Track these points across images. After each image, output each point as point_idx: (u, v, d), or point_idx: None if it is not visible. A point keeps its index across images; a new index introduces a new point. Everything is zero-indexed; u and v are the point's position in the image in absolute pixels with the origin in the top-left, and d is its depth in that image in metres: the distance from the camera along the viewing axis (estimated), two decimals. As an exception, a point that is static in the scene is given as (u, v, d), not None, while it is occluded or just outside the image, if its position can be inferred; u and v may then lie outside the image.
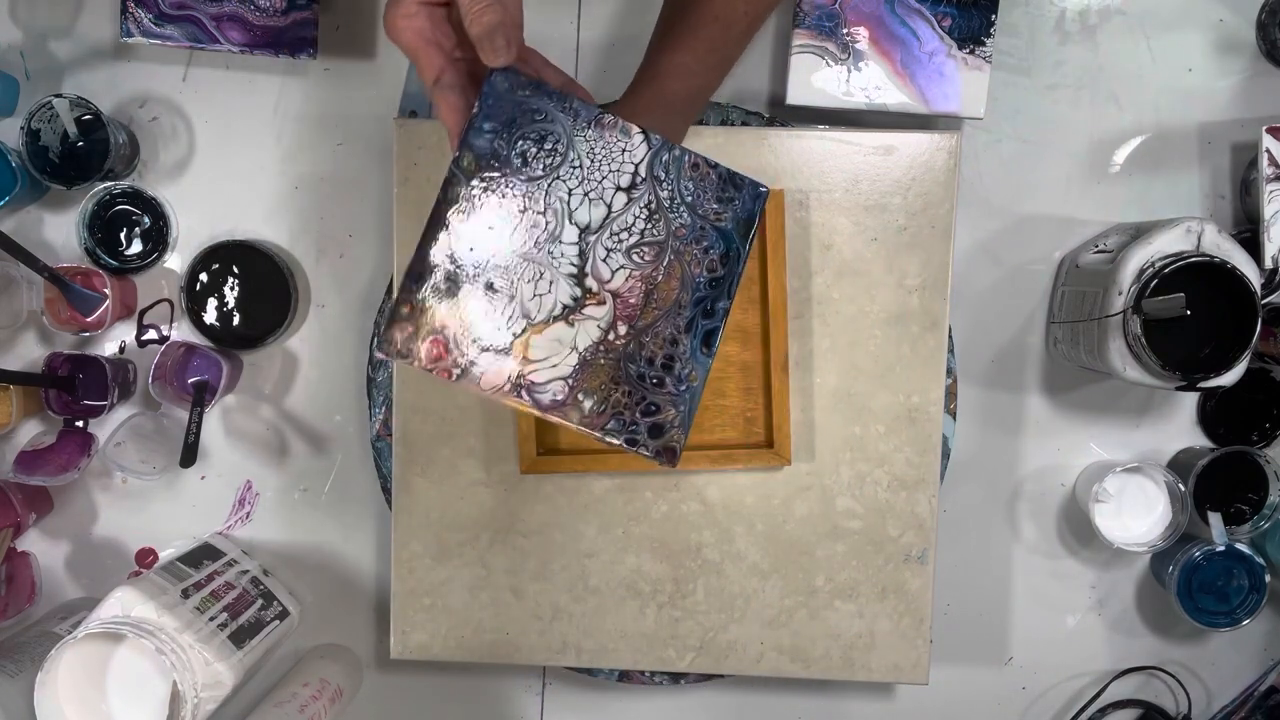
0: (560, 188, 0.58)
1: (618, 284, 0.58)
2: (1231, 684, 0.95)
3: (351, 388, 0.93)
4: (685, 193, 0.59)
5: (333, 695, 0.88)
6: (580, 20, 0.91)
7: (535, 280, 0.57)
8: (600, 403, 0.58)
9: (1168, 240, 0.79)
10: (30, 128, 0.86)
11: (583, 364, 0.58)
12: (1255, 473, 0.88)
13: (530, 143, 0.58)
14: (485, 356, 0.57)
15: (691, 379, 0.59)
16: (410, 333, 0.57)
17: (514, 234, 0.57)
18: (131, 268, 0.90)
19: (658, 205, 0.59)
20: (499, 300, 0.57)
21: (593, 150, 0.58)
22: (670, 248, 0.59)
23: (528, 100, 0.57)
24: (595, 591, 0.86)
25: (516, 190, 0.57)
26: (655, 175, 0.59)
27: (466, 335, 0.57)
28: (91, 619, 0.76)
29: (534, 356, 0.57)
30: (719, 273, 0.59)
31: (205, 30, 0.87)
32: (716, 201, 0.59)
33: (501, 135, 0.57)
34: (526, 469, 0.84)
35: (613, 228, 0.58)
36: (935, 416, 0.84)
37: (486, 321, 0.57)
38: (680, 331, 0.59)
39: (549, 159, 0.58)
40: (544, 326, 0.57)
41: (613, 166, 0.58)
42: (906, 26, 0.83)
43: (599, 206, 0.58)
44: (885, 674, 0.86)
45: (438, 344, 0.57)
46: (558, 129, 0.58)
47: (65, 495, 0.94)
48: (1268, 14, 0.88)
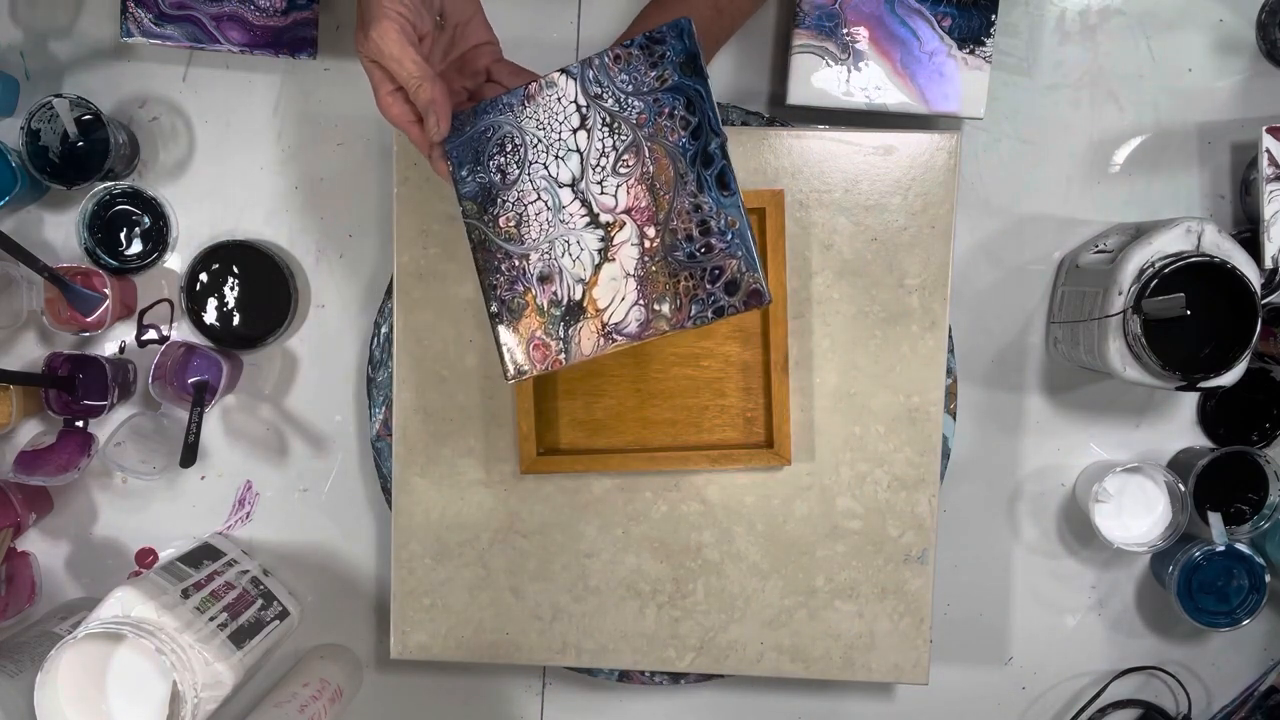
0: (537, 168, 0.64)
1: (624, 201, 0.63)
2: (1231, 684, 0.95)
3: (351, 388, 0.93)
4: (624, 86, 0.62)
5: (333, 695, 0.88)
6: (580, 20, 0.91)
7: (566, 249, 0.63)
8: (674, 299, 0.62)
9: (1168, 240, 0.79)
10: (30, 128, 0.86)
11: (641, 281, 0.62)
12: (1255, 473, 0.88)
13: (497, 156, 0.64)
14: (571, 330, 0.64)
15: (731, 224, 0.61)
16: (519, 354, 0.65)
17: (531, 230, 0.64)
18: (131, 268, 0.90)
19: (610, 116, 0.63)
20: (554, 283, 0.64)
21: (539, 120, 0.63)
22: (643, 139, 0.62)
23: (475, 129, 0.64)
24: (595, 591, 0.86)
25: (511, 197, 0.64)
26: (593, 95, 0.63)
27: (550, 325, 0.64)
28: (91, 619, 0.76)
29: (603, 304, 0.63)
30: (694, 122, 0.61)
31: (205, 30, 0.87)
32: (651, 69, 0.62)
33: (477, 169, 0.65)
34: (526, 469, 0.84)
35: (591, 163, 0.63)
36: (935, 416, 0.84)
37: (555, 305, 0.64)
38: (696, 195, 0.61)
39: (516, 155, 0.64)
40: (595, 277, 0.63)
41: (559, 119, 0.63)
42: (906, 26, 0.83)
43: (571, 157, 0.63)
44: (885, 674, 0.86)
45: (538, 347, 0.64)
46: (506, 129, 0.64)
47: (65, 495, 0.94)
48: (1268, 14, 0.88)
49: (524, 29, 0.91)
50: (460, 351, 0.86)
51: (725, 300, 0.61)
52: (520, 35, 0.91)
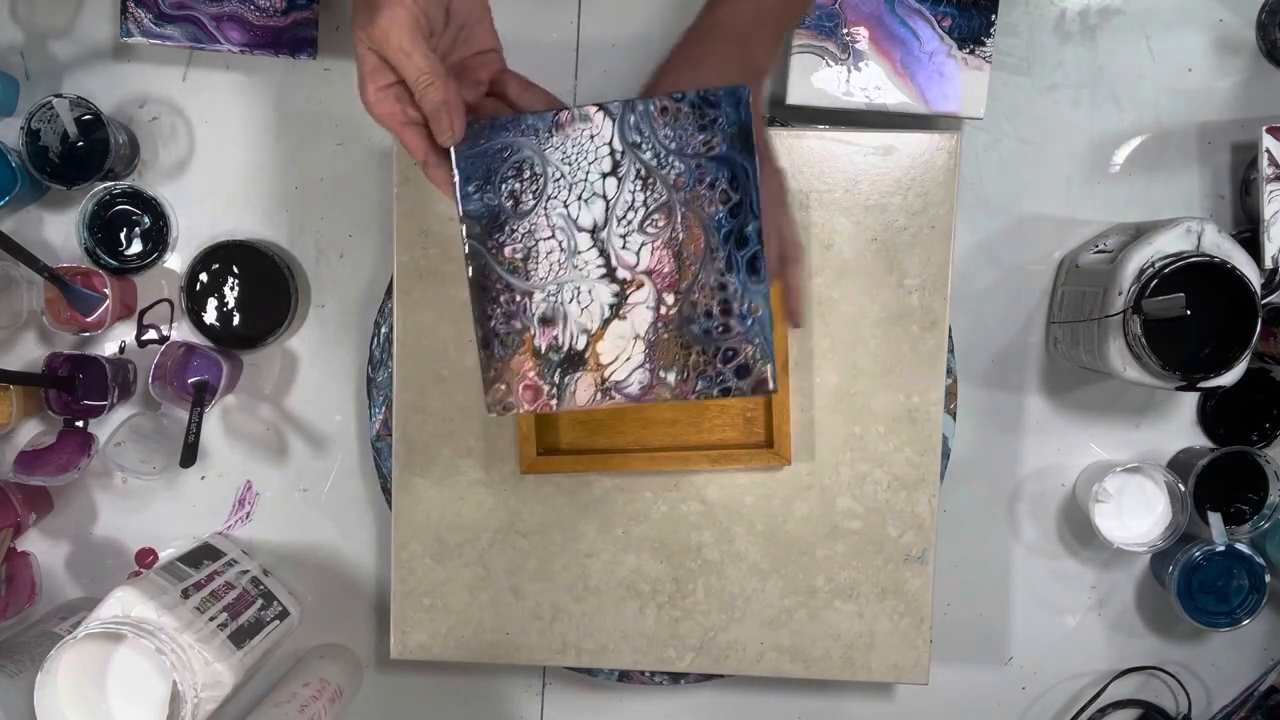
0: (555, 205, 0.60)
1: (646, 262, 0.60)
2: (1231, 684, 0.95)
3: (351, 388, 0.93)
4: (667, 141, 0.59)
5: (333, 695, 0.88)
6: (580, 20, 0.91)
7: (576, 296, 0.60)
8: (681, 371, 0.60)
9: (1168, 240, 0.79)
10: (30, 128, 0.86)
11: (650, 346, 0.60)
12: (1255, 473, 0.88)
13: (512, 180, 0.60)
14: (569, 378, 0.61)
15: (754, 310, 0.60)
16: (504, 389, 0.61)
17: (539, 268, 0.60)
18: (131, 268, 0.90)
19: (647, 170, 0.59)
20: (556, 328, 0.61)
21: (565, 154, 0.60)
22: (677, 202, 0.59)
23: (490, 144, 0.60)
24: (595, 591, 0.86)
25: (522, 228, 0.60)
26: (631, 142, 0.59)
27: (545, 369, 0.61)
28: (91, 619, 0.76)
29: (606, 360, 0.61)
30: (734, 200, 0.59)
31: (205, 30, 0.87)
32: (700, 132, 0.59)
33: (486, 189, 0.60)
34: (526, 469, 0.84)
35: (617, 214, 0.60)
36: (935, 416, 0.84)
37: (554, 351, 0.61)
38: (723, 273, 0.60)
39: (533, 185, 0.60)
40: (602, 332, 0.60)
41: (589, 158, 0.59)
42: (906, 26, 0.83)
43: (596, 202, 0.60)
44: (885, 674, 0.86)
45: (529, 388, 0.61)
46: (527, 153, 0.60)
47: (65, 495, 0.94)
48: (1268, 14, 0.88)
49: (524, 29, 0.91)
50: (460, 351, 0.86)
51: (734, 382, 0.61)
52: (520, 35, 0.91)
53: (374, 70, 0.57)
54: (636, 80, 0.90)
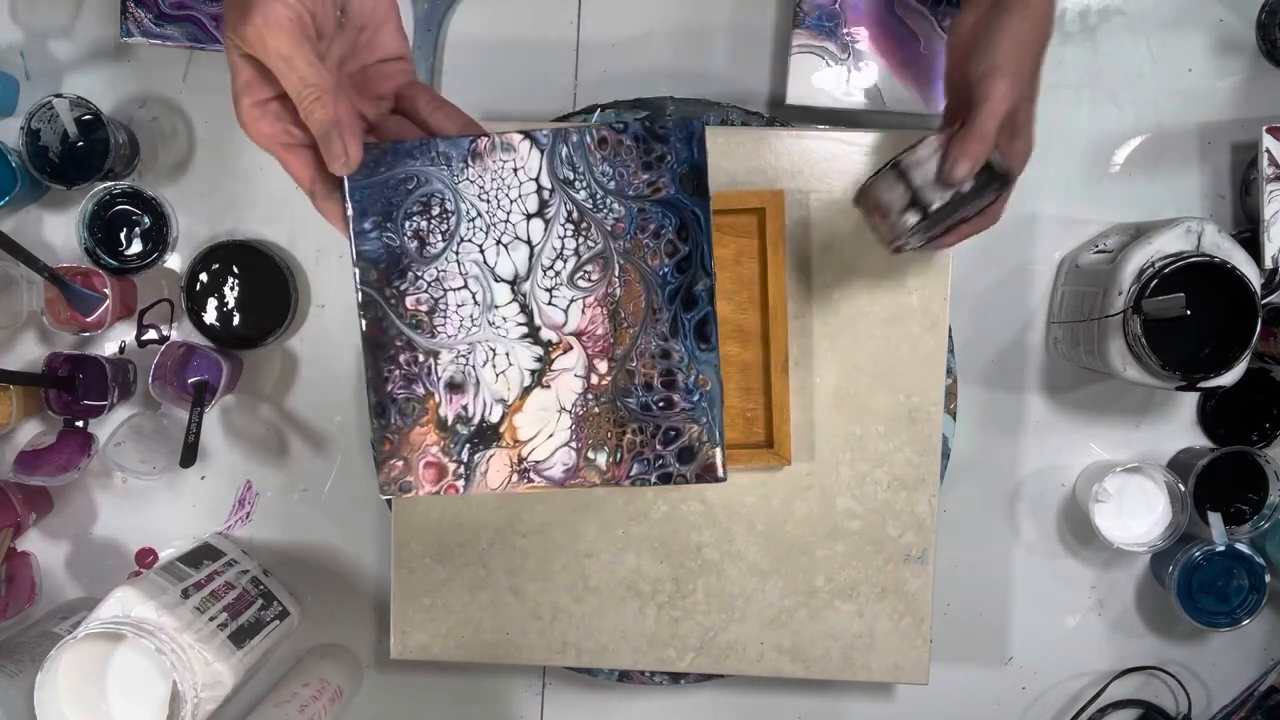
0: (469, 249, 0.50)
1: (576, 321, 0.51)
2: (1231, 684, 0.95)
3: (351, 388, 0.93)
4: (604, 180, 0.50)
5: (333, 695, 0.88)
6: (580, 20, 0.91)
7: (490, 360, 0.51)
8: (614, 452, 0.51)
9: (1168, 240, 0.79)
10: (30, 128, 0.86)
11: (577, 421, 0.51)
12: (1255, 473, 0.88)
13: (417, 217, 0.50)
14: (479, 456, 0.52)
15: (702, 384, 0.51)
16: (402, 467, 0.52)
17: (448, 324, 0.51)
18: (131, 268, 0.90)
19: (580, 213, 0.50)
20: (466, 396, 0.51)
21: (483, 189, 0.50)
22: (615, 252, 0.51)
23: (392, 173, 0.50)
24: (595, 591, 0.86)
25: (428, 275, 0.50)
26: (562, 179, 0.50)
27: (452, 444, 0.52)
28: (91, 619, 0.76)
29: (524, 436, 0.52)
30: (682, 252, 0.50)
31: (205, 30, 0.87)
32: (645, 170, 0.50)
33: (386, 226, 0.50)
34: (526, 469, 0.84)
35: (543, 263, 0.50)
36: (935, 416, 0.84)
37: (463, 423, 0.52)
38: (667, 338, 0.51)
39: (443, 224, 0.50)
40: (521, 402, 0.51)
41: (511, 195, 0.50)
42: (906, 26, 0.83)
43: (518, 248, 0.50)
44: (885, 674, 0.86)
45: (432, 465, 0.52)
46: (436, 186, 0.50)
47: (65, 495, 0.94)
48: (1268, 14, 0.88)
49: (524, 29, 0.91)
50: (460, 351, 0.86)
51: (675, 467, 0.51)
52: (520, 35, 0.91)
53: (249, 82, 0.48)
54: (636, 80, 0.90)
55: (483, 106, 0.91)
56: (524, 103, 0.92)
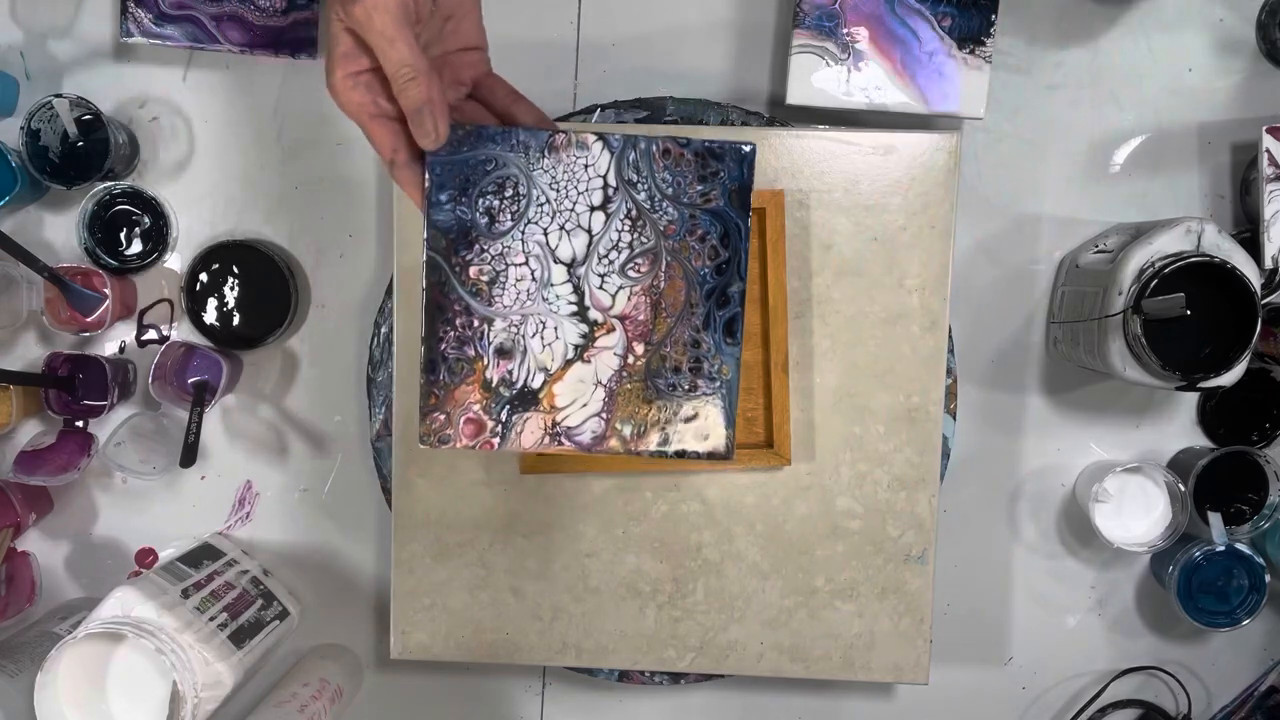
0: (534, 231, 0.55)
1: (621, 307, 0.56)
2: (1231, 684, 0.95)
3: (351, 388, 0.93)
4: (664, 185, 0.56)
5: (333, 695, 0.88)
6: (580, 20, 0.91)
7: (540, 332, 0.56)
8: (639, 426, 0.57)
9: (1168, 240, 0.79)
10: (30, 128, 0.86)
11: (610, 395, 0.57)
12: (1255, 473, 0.88)
13: (491, 196, 0.55)
14: (516, 417, 0.56)
15: (723, 373, 0.57)
16: (443, 420, 0.57)
17: (505, 295, 0.56)
18: (131, 268, 0.90)
19: (638, 211, 0.56)
20: (513, 362, 0.56)
21: (554, 179, 0.55)
22: (665, 250, 0.56)
23: (474, 154, 0.55)
24: (595, 591, 0.86)
25: (493, 250, 0.55)
26: (626, 180, 0.55)
27: (493, 404, 0.56)
28: (91, 619, 0.76)
29: (561, 403, 0.57)
30: (722, 257, 0.56)
31: (205, 30, 0.87)
32: (700, 182, 0.56)
33: (461, 201, 0.55)
34: (526, 469, 0.84)
35: (599, 251, 0.56)
36: (935, 416, 0.84)
37: (506, 386, 0.56)
38: (699, 330, 0.57)
39: (514, 205, 0.55)
40: (562, 373, 0.56)
41: (579, 188, 0.55)
42: (906, 26, 0.83)
43: (579, 235, 0.55)
44: (885, 674, 0.86)
45: (471, 421, 0.57)
46: (513, 170, 0.55)
47: (65, 495, 0.94)
48: (1268, 14, 0.88)
49: (524, 29, 0.91)
50: (460, 351, 0.86)
51: (691, 445, 0.58)
52: (520, 35, 0.91)
53: (347, 53, 0.52)
54: (636, 80, 0.90)
55: (483, 106, 0.92)
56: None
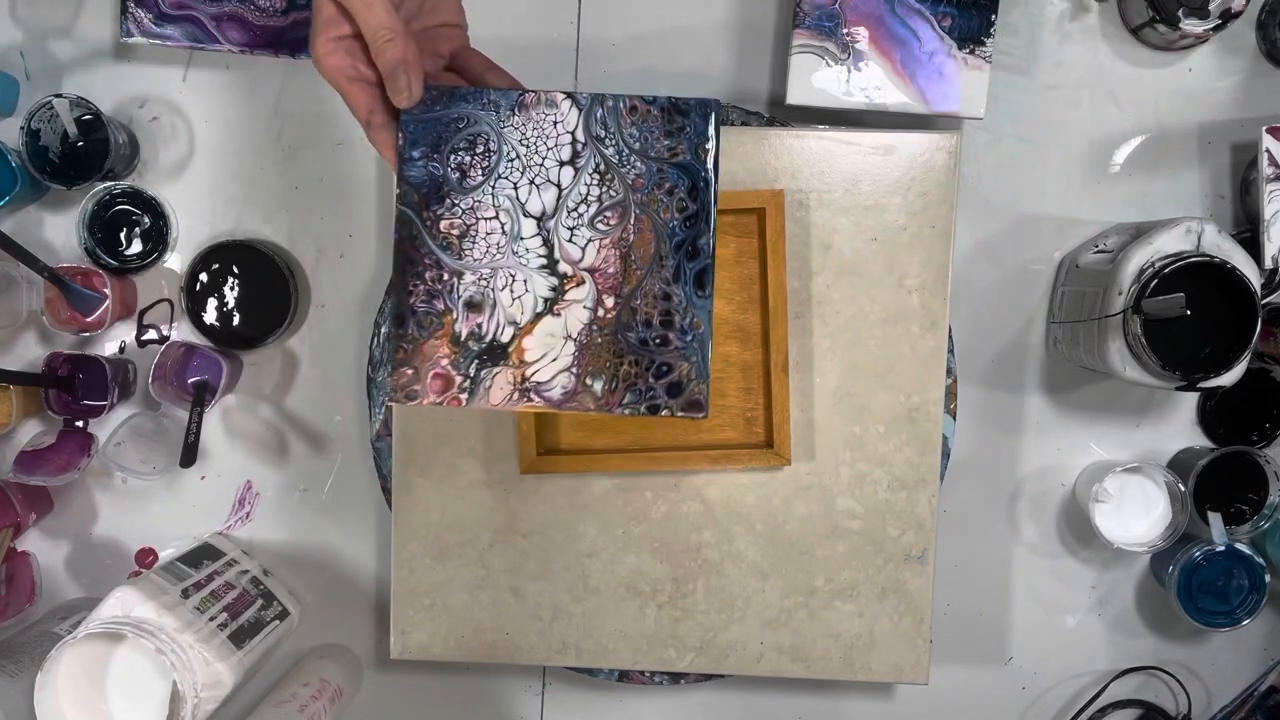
0: (504, 185, 0.57)
1: (591, 259, 0.57)
2: (1231, 684, 0.95)
3: (351, 388, 0.93)
4: (631, 140, 0.57)
5: (333, 695, 0.88)
6: (580, 20, 0.91)
7: (509, 285, 0.57)
8: (610, 380, 0.57)
9: (1168, 240, 0.79)
10: (30, 128, 0.86)
11: (580, 349, 0.57)
12: (1255, 473, 0.88)
13: (462, 153, 0.57)
14: (485, 372, 0.57)
15: (695, 325, 0.57)
16: (411, 374, 0.57)
17: (475, 248, 0.57)
18: (131, 268, 0.90)
19: (606, 165, 0.57)
20: (482, 315, 0.57)
21: (524, 136, 0.57)
22: (633, 203, 0.57)
23: (446, 112, 0.56)
24: (595, 591, 0.86)
25: (464, 204, 0.57)
26: (595, 135, 0.57)
27: (462, 358, 0.57)
28: (91, 619, 0.76)
29: (530, 358, 0.57)
30: (690, 209, 0.57)
31: (205, 30, 0.87)
32: (666, 137, 0.57)
33: (433, 157, 0.57)
34: (526, 469, 0.84)
35: (568, 205, 0.57)
36: (935, 416, 0.84)
37: (475, 340, 0.57)
38: (669, 283, 0.57)
39: (485, 161, 0.57)
40: (532, 326, 0.57)
41: (549, 144, 0.57)
42: (906, 26, 0.83)
43: (548, 189, 0.57)
44: (885, 674, 0.86)
45: (439, 376, 0.57)
46: (483, 128, 0.56)
47: (65, 495, 0.94)
48: (1268, 14, 0.88)
49: (524, 29, 0.91)
50: (460, 351, 0.86)
51: (663, 400, 0.57)
52: (520, 35, 0.91)
53: (330, 20, 0.55)
54: (636, 80, 0.90)
55: (483, 106, 0.92)
56: (524, 103, 0.92)
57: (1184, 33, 0.84)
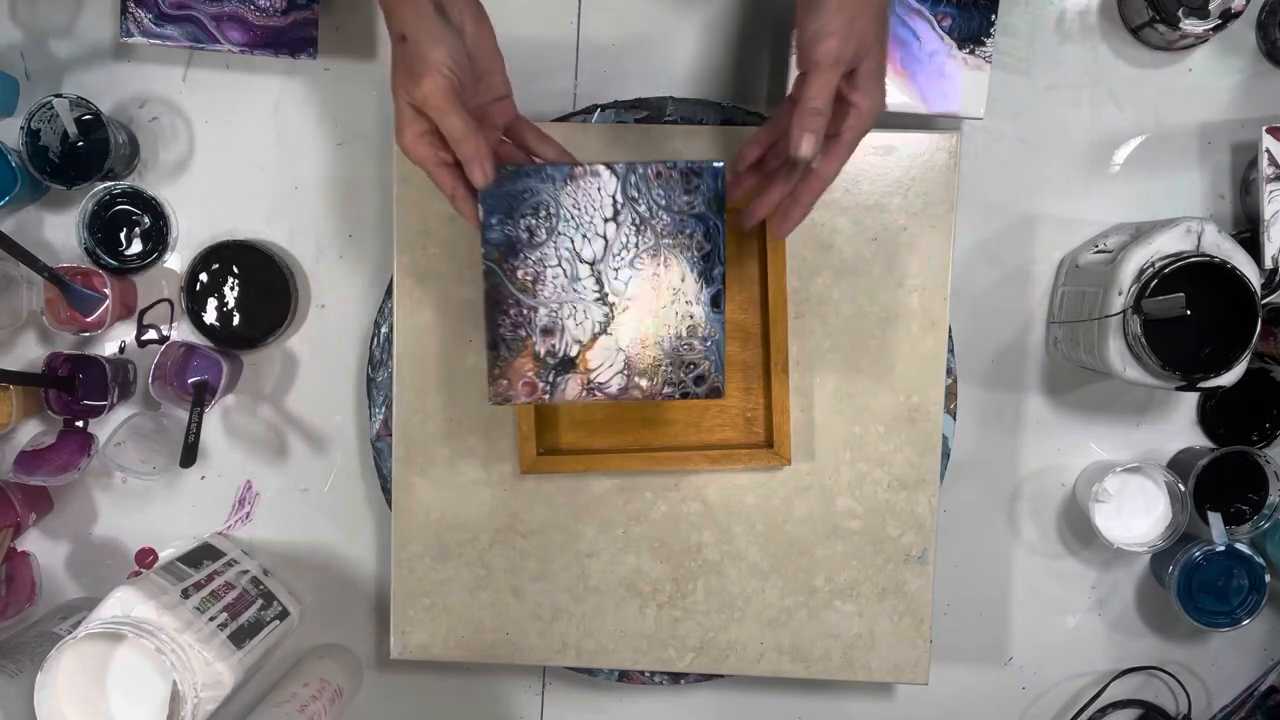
0: (564, 240, 0.71)
1: (633, 291, 0.72)
2: (1231, 684, 0.95)
3: (351, 388, 0.93)
4: (658, 199, 0.71)
5: (333, 695, 0.88)
6: (580, 20, 0.91)
7: (573, 314, 0.72)
8: (652, 378, 0.73)
9: (1168, 240, 0.79)
10: (30, 128, 0.86)
11: (629, 357, 0.73)
12: (1255, 473, 0.88)
13: (529, 217, 0.71)
14: (560, 378, 0.73)
15: (712, 334, 0.73)
16: (506, 384, 0.73)
17: (545, 289, 0.72)
18: (131, 268, 0.90)
19: (640, 220, 0.71)
20: (554, 338, 0.73)
21: (575, 200, 0.71)
22: (662, 246, 0.72)
23: (514, 186, 0.71)
24: (595, 591, 0.86)
25: (534, 256, 0.72)
26: (630, 197, 0.71)
27: (542, 370, 0.73)
28: (91, 619, 0.76)
29: (593, 366, 0.73)
30: (706, 249, 0.72)
31: (205, 30, 0.87)
32: (685, 194, 0.71)
33: (507, 222, 0.71)
34: (526, 469, 0.84)
35: (613, 251, 0.72)
36: (935, 416, 0.84)
37: (551, 356, 0.73)
38: (691, 304, 0.73)
39: (548, 223, 0.71)
40: (592, 343, 0.73)
41: (594, 205, 0.71)
42: (906, 26, 0.83)
43: (597, 240, 0.72)
44: (885, 674, 0.86)
45: (527, 384, 0.73)
46: (544, 197, 0.71)
47: (65, 495, 0.94)
48: (1268, 14, 0.88)
49: (524, 29, 0.91)
50: (460, 351, 0.86)
51: (692, 389, 0.74)
52: (520, 35, 0.91)
53: (411, 119, 0.65)
54: (637, 80, 0.90)
55: (483, 106, 0.92)
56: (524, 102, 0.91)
57: (1184, 33, 0.84)
